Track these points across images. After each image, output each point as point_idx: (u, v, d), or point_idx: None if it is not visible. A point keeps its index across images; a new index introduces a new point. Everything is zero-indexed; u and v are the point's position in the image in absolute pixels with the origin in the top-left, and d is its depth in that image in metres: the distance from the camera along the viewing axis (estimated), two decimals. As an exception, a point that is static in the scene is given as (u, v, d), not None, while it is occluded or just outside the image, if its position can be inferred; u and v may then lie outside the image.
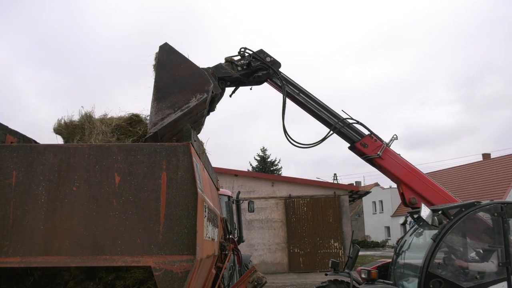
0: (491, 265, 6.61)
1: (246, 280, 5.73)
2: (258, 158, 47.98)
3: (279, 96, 7.90)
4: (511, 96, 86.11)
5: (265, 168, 46.43)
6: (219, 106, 7.67)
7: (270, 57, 7.74)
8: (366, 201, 60.37)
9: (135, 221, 3.51)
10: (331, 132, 8.13)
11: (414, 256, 7.41)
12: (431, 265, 6.38)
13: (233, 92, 7.83)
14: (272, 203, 22.70)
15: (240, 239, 11.35)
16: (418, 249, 7.51)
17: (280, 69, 7.94)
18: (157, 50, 6.38)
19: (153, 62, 6.46)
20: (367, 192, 31.22)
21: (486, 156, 51.18)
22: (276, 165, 48.27)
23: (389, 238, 57.24)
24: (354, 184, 54.12)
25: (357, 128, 8.22)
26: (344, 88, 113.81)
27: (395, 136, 8.20)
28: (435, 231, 7.01)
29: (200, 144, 4.77)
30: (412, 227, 7.82)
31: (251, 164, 47.83)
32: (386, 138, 8.20)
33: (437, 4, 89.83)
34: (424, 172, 8.35)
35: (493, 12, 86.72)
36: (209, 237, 4.31)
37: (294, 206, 22.71)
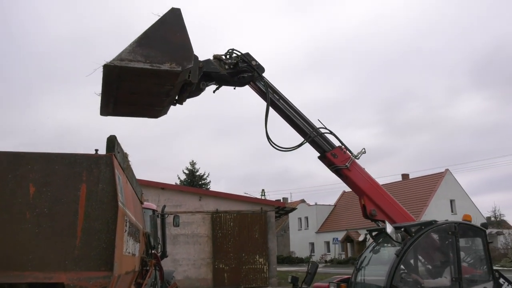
0: (445, 280, 6.99)
1: (167, 297, 5.58)
2: (187, 172, 47.45)
3: (215, 110, 7.95)
4: (429, 121, 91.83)
5: (194, 182, 45.97)
6: (161, 120, 7.56)
7: (256, 61, 7.90)
8: (292, 217, 61.38)
9: (49, 235, 3.32)
10: (306, 140, 8.27)
11: (376, 271, 7.70)
12: (395, 279, 6.59)
13: (217, 89, 7.93)
14: (199, 217, 22.46)
15: (164, 254, 11.07)
16: (378, 264, 7.83)
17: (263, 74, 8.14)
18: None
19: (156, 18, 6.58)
20: (293, 209, 31.75)
21: (405, 176, 54.08)
22: (205, 179, 47.98)
23: (313, 254, 58.39)
24: (281, 200, 55.03)
25: (328, 138, 8.36)
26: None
27: (363, 150, 8.38)
28: (393, 247, 7.33)
29: (125, 155, 4.62)
30: (371, 243, 8.03)
31: (179, 178, 47.21)
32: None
33: (364, 33, 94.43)
34: (348, 190, 8.64)
35: (413, 43, 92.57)
36: (129, 252, 4.17)
37: (221, 221, 22.59)
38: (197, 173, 47.64)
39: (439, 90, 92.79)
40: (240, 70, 7.73)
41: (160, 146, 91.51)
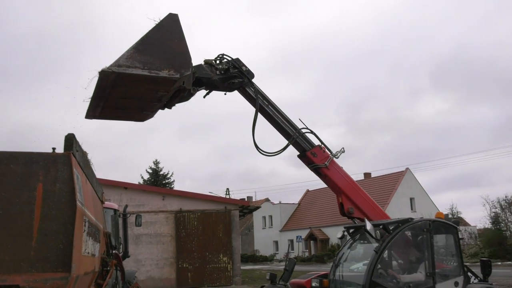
0: (420, 275, 7.27)
1: (127, 297, 5.52)
2: (150, 171, 46.86)
3: (179, 108, 7.83)
4: (390, 122, 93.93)
5: (157, 181, 45.46)
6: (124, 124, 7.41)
7: (246, 66, 7.86)
8: (257, 216, 61.59)
9: (4, 236, 3.23)
10: (290, 143, 8.28)
11: (354, 267, 7.92)
12: (374, 274, 6.80)
13: (207, 94, 7.88)
14: (162, 217, 22.23)
15: (126, 255, 10.91)
16: (356, 260, 8.08)
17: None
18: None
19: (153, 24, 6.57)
20: (257, 207, 31.89)
21: (367, 175, 55.22)
22: (169, 178, 47.53)
23: (277, 252, 58.80)
24: (246, 199, 55.14)
25: (308, 138, 8.40)
26: (241, 105, 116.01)
27: (342, 149, 8.49)
28: (369, 244, 7.62)
29: (84, 154, 4.54)
30: (348, 240, 8.21)
31: (142, 177, 46.58)
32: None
33: (327, 33, 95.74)
34: (311, 189, 8.78)
35: (376, 44, 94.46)
36: (88, 253, 4.11)
37: (184, 221, 22.44)
38: (161, 173, 47.14)
39: (400, 91, 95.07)
40: (230, 75, 7.69)
41: (123, 145, 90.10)
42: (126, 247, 11.07)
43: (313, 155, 8.19)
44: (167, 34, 6.55)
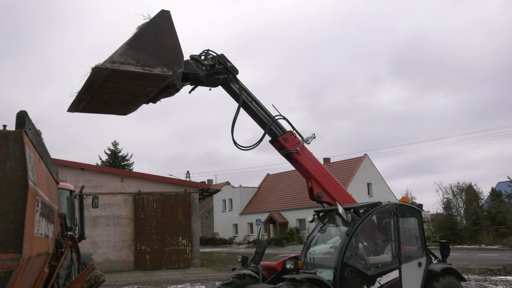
0: (386, 257, 7.59)
1: (82, 279, 5.43)
2: (109, 152, 45.97)
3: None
4: (350, 108, 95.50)
5: (116, 163, 44.68)
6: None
7: (230, 62, 7.93)
8: (217, 199, 61.68)
9: (-50, 216, 3.10)
10: (266, 132, 8.32)
11: (324, 249, 8.15)
12: (346, 256, 7.07)
13: (192, 89, 7.89)
14: (121, 199, 21.93)
15: (82, 236, 10.72)
16: (326, 243, 8.28)
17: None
18: None
19: (145, 20, 6.65)
20: (217, 190, 31.92)
21: (326, 160, 56.04)
22: (128, 160, 46.78)
23: (236, 235, 59.21)
24: (206, 182, 55.05)
25: (280, 123, 8.45)
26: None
27: (313, 135, 8.58)
28: (337, 227, 7.96)
29: (37, 132, 4.39)
30: (318, 224, 8.44)
31: (100, 158, 45.64)
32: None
33: (290, 17, 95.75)
34: (272, 173, 8.86)
35: (338, 30, 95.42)
36: (41, 234, 3.99)
37: (143, 203, 22.22)
38: (120, 154, 46.32)
39: (361, 78, 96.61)
40: (216, 71, 7.75)
41: (80, 125, 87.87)
42: (82, 228, 10.88)
43: (284, 140, 8.29)
44: (160, 31, 6.60)
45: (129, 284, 16.37)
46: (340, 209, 7.32)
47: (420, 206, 8.49)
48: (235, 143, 8.20)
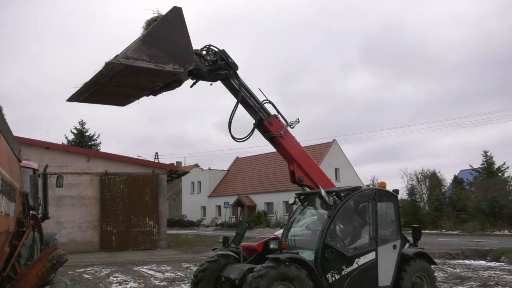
0: (365, 239, 7.90)
1: (44, 258, 5.36)
2: (75, 132, 45.02)
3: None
4: (322, 94, 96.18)
5: (82, 142, 43.81)
6: (48, 76, 7.03)
7: (231, 58, 8.06)
8: (185, 181, 61.49)
9: None
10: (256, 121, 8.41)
11: (305, 231, 8.43)
12: (327, 237, 7.34)
13: (194, 83, 7.99)
14: (87, 179, 21.58)
15: (45, 216, 10.54)
16: (306, 224, 8.57)
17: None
18: None
19: (154, 15, 6.88)
20: (186, 172, 31.75)
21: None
22: (95, 140, 45.95)
23: (204, 217, 59.31)
24: (175, 164, 54.72)
25: (266, 107, 8.56)
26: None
27: (297, 120, 8.74)
28: (316, 210, 8.30)
29: (-1, 108, 4.26)
30: (299, 206, 8.70)
31: (66, 138, 44.67)
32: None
33: (262, 4, 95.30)
34: (241, 156, 8.91)
35: (311, 16, 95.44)
36: (1, 212, 3.91)
37: (110, 183, 21.93)
38: (87, 134, 45.42)
39: (333, 65, 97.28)
40: (218, 67, 7.88)
41: (46, 104, 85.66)
42: (46, 208, 10.70)
43: (269, 124, 8.43)
44: (172, 28, 6.73)
45: (94, 264, 16.22)
46: (323, 192, 7.61)
47: (397, 191, 8.79)
48: (232, 137, 8.41)
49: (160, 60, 6.45)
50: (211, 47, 7.95)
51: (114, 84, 6.88)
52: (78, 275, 13.66)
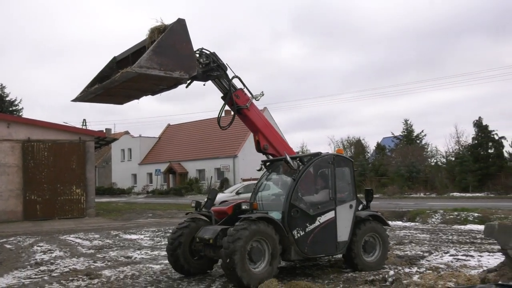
0: (325, 199, 8.61)
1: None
2: (-6, 96, 42.40)
3: (32, 32, 7.38)
4: (254, 62, 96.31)
5: (3, 108, 41.47)
6: None
7: (221, 60, 8.62)
8: (115, 148, 60.13)
9: None
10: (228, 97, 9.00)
11: (272, 193, 9.39)
12: (293, 198, 8.08)
13: (188, 84, 8.42)
14: (7, 146, 20.60)
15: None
16: (272, 188, 9.56)
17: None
18: None
19: (157, 24, 7.71)
20: (114, 139, 31.21)
21: (227, 112, 56.53)
22: (17, 105, 43.64)
23: (135, 185, 58.58)
24: (105, 131, 53.22)
25: (233, 82, 9.02)
26: (108, 32, 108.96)
27: (262, 93, 9.31)
28: (282, 175, 9.11)
29: None
30: (265, 172, 9.52)
31: (-16, 103, 41.99)
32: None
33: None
34: (173, 123, 9.08)
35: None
36: None
37: (33, 151, 21.08)
38: (7, 99, 42.97)
39: (264, 34, 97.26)
40: (210, 68, 8.47)
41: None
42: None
43: (236, 97, 8.93)
44: (178, 38, 7.48)
45: (17, 234, 15.72)
46: (288, 158, 8.30)
47: (352, 157, 9.51)
48: (221, 127, 9.38)
49: (168, 68, 7.19)
50: (203, 50, 8.50)
51: (121, 88, 7.61)
52: None
